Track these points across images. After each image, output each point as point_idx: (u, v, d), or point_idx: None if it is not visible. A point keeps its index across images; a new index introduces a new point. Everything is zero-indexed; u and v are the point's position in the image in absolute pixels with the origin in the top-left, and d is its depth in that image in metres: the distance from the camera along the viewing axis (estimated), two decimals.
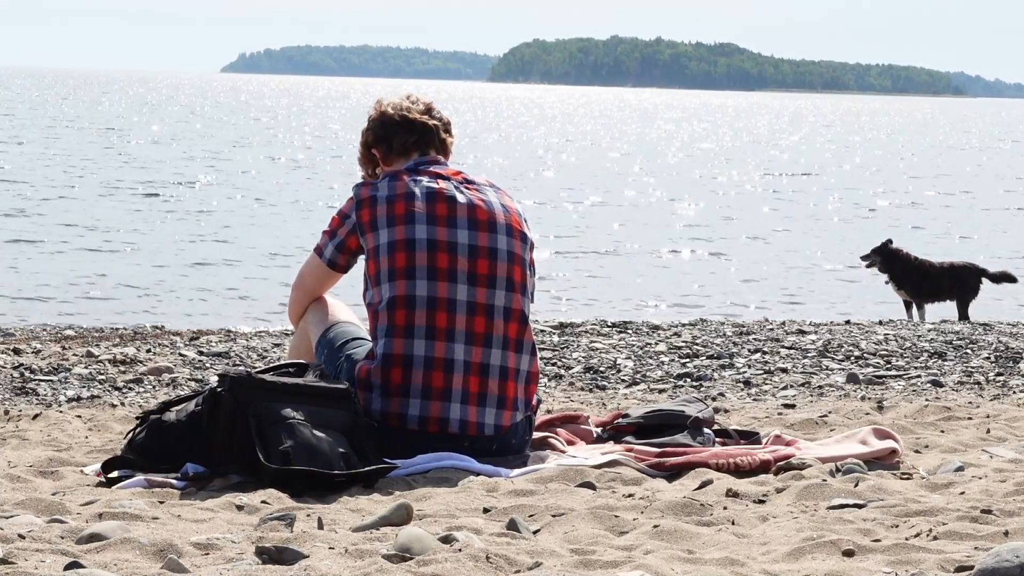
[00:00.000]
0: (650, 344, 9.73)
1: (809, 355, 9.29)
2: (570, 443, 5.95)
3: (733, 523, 4.60)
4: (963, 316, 14.03)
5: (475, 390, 5.60)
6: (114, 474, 5.33)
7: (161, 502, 4.88)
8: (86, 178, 30.00)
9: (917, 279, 14.23)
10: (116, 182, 29.21)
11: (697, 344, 9.71)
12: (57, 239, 19.63)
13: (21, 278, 15.98)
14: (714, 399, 7.70)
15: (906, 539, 4.27)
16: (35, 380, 7.95)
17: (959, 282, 14.19)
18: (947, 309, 14.36)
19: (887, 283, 14.54)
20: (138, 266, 17.48)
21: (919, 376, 8.47)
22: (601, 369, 8.72)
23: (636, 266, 19.36)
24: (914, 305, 14.32)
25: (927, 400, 7.56)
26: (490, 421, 5.63)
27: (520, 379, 5.69)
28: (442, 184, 5.73)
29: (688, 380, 8.39)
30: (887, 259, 14.32)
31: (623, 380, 8.39)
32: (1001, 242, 23.49)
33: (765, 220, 26.51)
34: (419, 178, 5.73)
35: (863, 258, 14.65)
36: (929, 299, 14.26)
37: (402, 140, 5.86)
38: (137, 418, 5.56)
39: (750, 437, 6.04)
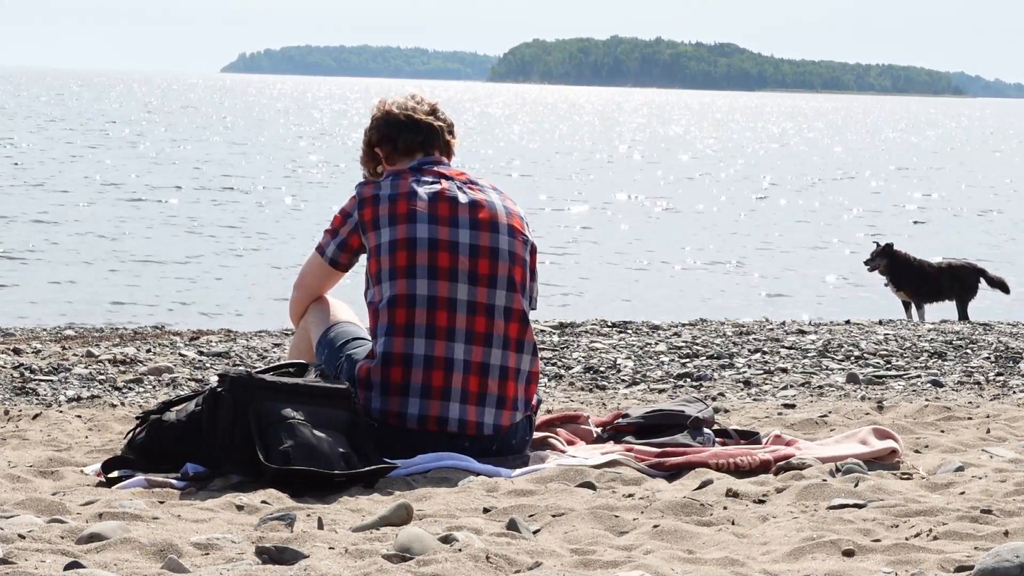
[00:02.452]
0: (650, 344, 9.73)
1: (809, 355, 9.30)
2: (570, 443, 5.95)
3: (733, 523, 4.61)
4: (963, 316, 14.06)
5: (475, 389, 5.61)
6: (114, 474, 5.33)
7: (161, 502, 4.88)
8: (90, 178, 30.00)
9: (917, 280, 14.28)
10: (119, 184, 29.21)
11: (697, 344, 9.71)
12: (60, 239, 19.64)
13: (23, 279, 15.99)
14: (714, 399, 7.70)
15: (906, 539, 4.28)
16: (35, 380, 7.96)
17: (958, 282, 14.26)
18: (947, 310, 14.37)
19: (886, 285, 14.56)
20: (138, 266, 17.48)
21: (919, 376, 8.48)
22: (601, 369, 8.72)
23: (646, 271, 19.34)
24: (913, 305, 14.37)
25: (927, 400, 7.56)
26: (489, 421, 5.63)
27: (520, 379, 5.69)
28: (445, 184, 5.73)
29: (688, 380, 8.39)
30: (892, 261, 14.35)
31: (623, 380, 8.40)
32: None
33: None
34: (422, 178, 5.74)
35: (866, 263, 14.66)
36: (929, 299, 14.31)
37: (407, 140, 5.85)
38: (137, 418, 5.56)
39: (750, 437, 6.05)
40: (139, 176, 30.97)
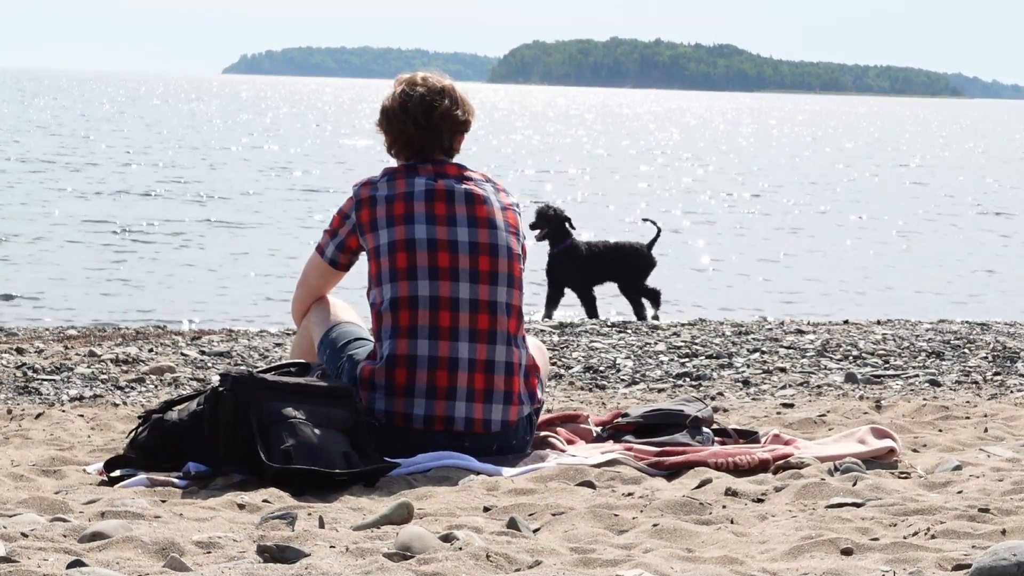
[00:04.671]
0: (649, 344, 9.75)
1: (808, 355, 9.32)
2: (570, 442, 5.97)
3: (732, 522, 4.63)
4: (638, 296, 12.61)
5: (481, 387, 5.62)
6: (116, 473, 5.35)
7: (163, 501, 4.90)
8: (100, 178, 30.02)
9: (578, 262, 12.39)
10: (123, 182, 29.22)
11: (696, 344, 9.74)
12: (62, 237, 19.64)
13: (24, 278, 16.00)
14: (713, 398, 7.73)
15: (904, 538, 4.29)
16: (38, 379, 7.98)
17: (622, 263, 12.52)
18: (948, 310, 14.30)
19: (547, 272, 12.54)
20: (139, 265, 17.49)
21: (917, 376, 8.50)
22: (601, 369, 8.74)
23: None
24: (582, 296, 12.55)
25: (925, 399, 7.58)
26: (497, 417, 5.64)
27: (521, 373, 5.71)
28: (441, 182, 5.73)
29: (687, 380, 8.41)
30: (557, 230, 12.30)
31: (623, 380, 8.42)
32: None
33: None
34: (418, 177, 5.73)
35: (532, 226, 12.30)
36: (589, 284, 12.51)
37: (409, 135, 5.80)
38: (139, 417, 5.59)
39: (749, 436, 6.07)
40: (148, 177, 30.97)
